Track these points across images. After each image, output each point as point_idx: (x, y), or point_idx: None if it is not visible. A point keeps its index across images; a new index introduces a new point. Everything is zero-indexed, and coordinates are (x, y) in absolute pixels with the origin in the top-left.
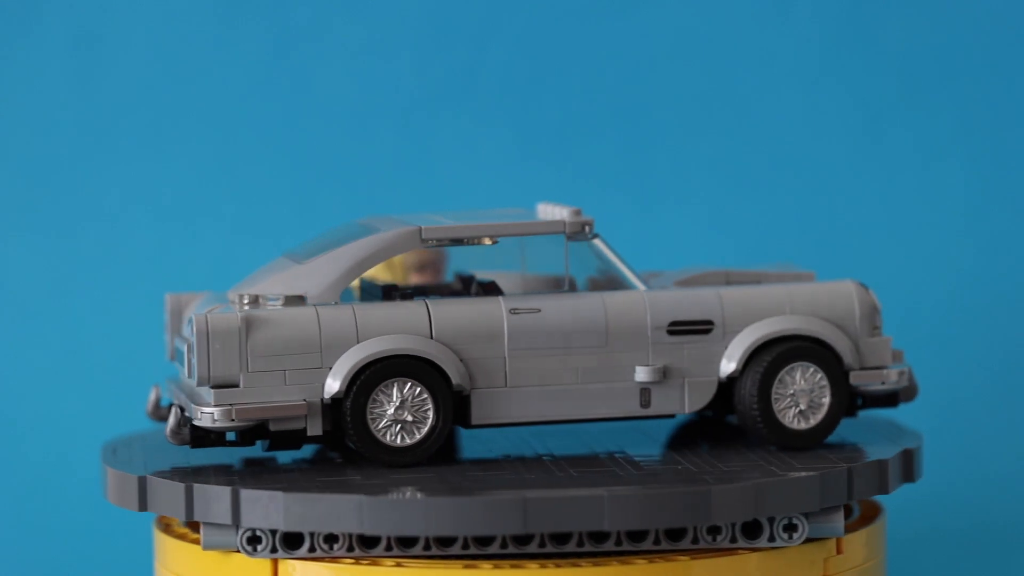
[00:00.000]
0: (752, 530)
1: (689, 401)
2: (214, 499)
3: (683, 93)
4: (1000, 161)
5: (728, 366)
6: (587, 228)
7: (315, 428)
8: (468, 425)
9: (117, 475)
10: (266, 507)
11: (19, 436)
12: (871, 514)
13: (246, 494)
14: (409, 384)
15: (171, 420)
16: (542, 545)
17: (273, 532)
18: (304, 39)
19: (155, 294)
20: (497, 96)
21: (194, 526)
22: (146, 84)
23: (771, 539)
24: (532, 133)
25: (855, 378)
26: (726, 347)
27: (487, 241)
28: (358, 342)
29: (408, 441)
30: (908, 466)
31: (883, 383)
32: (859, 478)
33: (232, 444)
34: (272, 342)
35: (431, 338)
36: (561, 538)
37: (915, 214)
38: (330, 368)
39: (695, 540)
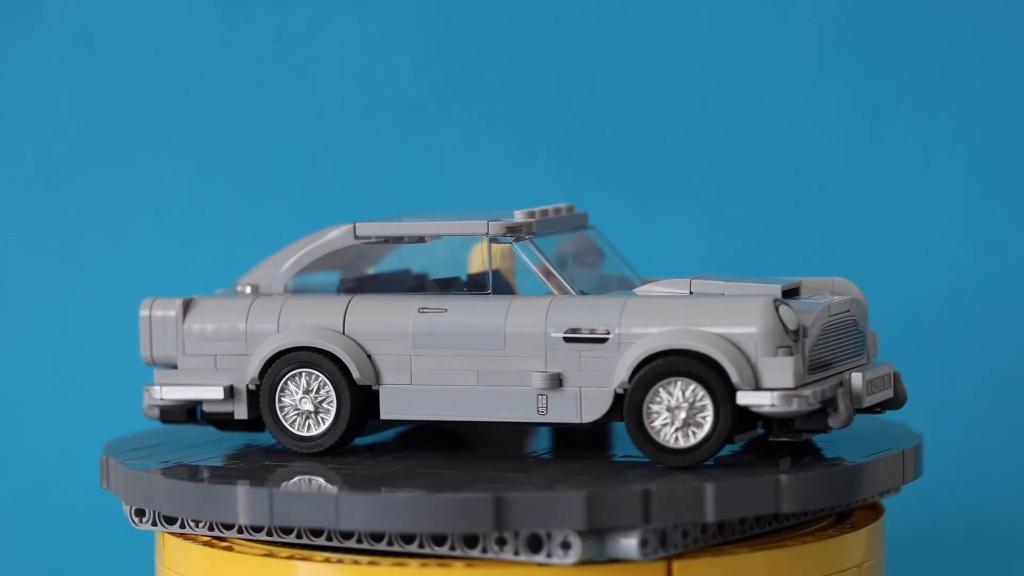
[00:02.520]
0: (537, 544)
1: (584, 411)
2: (112, 472)
3: (683, 93)
4: (1001, 161)
5: (619, 377)
6: (512, 231)
7: (241, 412)
8: (379, 419)
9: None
10: (125, 482)
11: (19, 436)
12: (871, 514)
13: (115, 467)
14: (315, 376)
15: (146, 397)
16: (359, 541)
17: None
18: (304, 39)
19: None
20: (498, 96)
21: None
22: (146, 84)
23: (549, 555)
24: (533, 133)
25: (742, 398)
26: (622, 357)
27: (426, 240)
28: (278, 332)
29: (314, 431)
30: (763, 496)
31: (772, 405)
32: (661, 502)
33: (198, 423)
34: (205, 328)
35: (343, 332)
36: (376, 537)
37: (915, 214)
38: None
39: (484, 549)
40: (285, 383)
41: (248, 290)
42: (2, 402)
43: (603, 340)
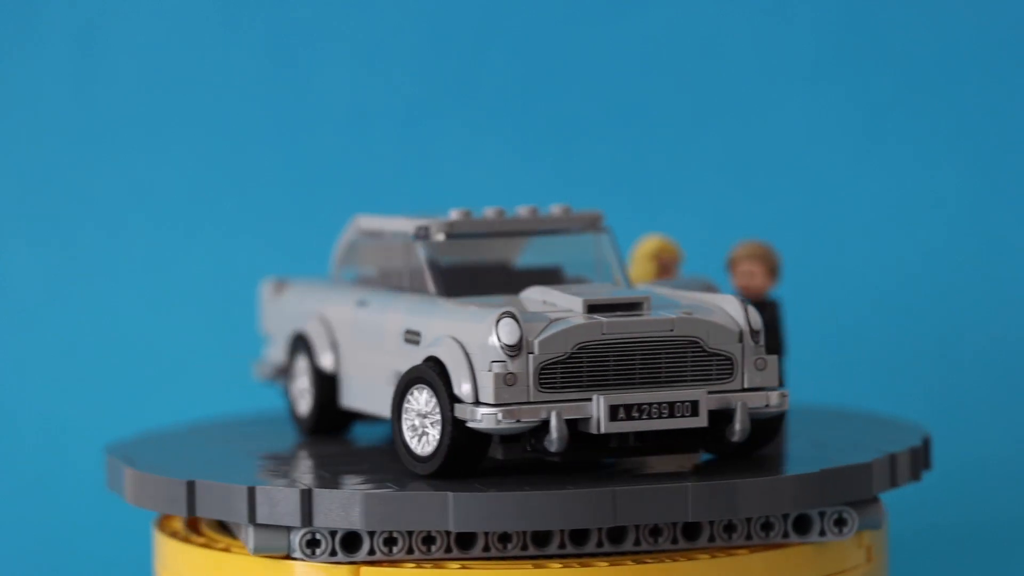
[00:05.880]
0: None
1: None
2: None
3: (683, 94)
4: (1001, 161)
5: None
6: (420, 231)
7: None
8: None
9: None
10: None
11: (19, 437)
12: None
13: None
14: (306, 359)
15: None
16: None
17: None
18: (304, 42)
19: (155, 294)
20: (498, 97)
21: (193, 527)
22: (146, 87)
23: (247, 543)
24: (533, 134)
25: (458, 411)
26: None
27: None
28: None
29: (306, 413)
30: (426, 510)
31: (471, 421)
32: (321, 505)
33: None
34: (278, 308)
35: (328, 321)
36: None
37: (917, 213)
38: None
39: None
40: (294, 366)
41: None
42: (2, 402)
43: (417, 342)
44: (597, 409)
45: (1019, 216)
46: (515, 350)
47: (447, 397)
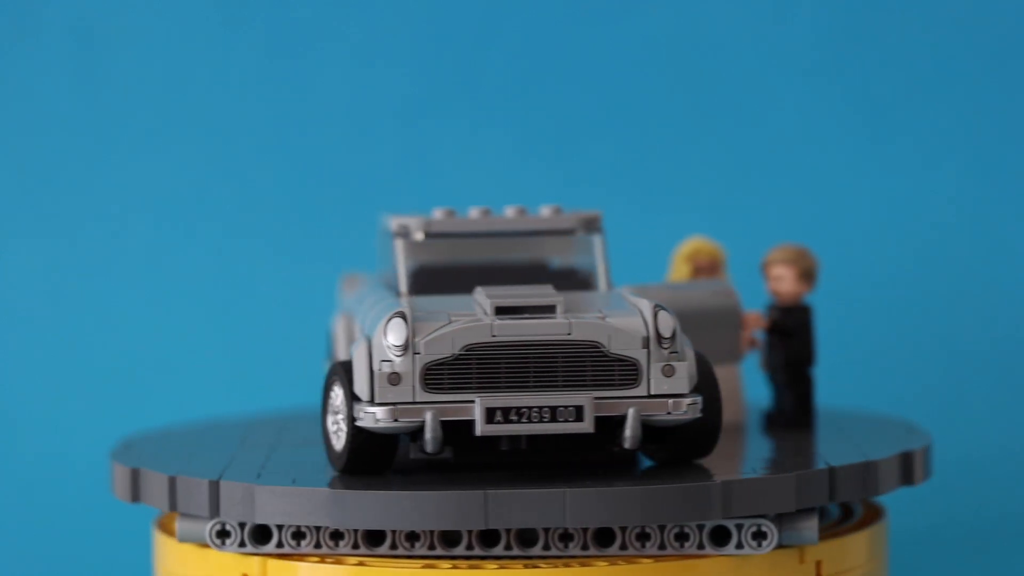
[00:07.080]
0: None
1: None
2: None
3: (683, 94)
4: (1001, 161)
5: None
6: (401, 229)
7: None
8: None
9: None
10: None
11: (18, 437)
12: (873, 515)
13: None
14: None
15: None
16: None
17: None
18: (304, 42)
19: (155, 295)
20: (499, 97)
21: None
22: (147, 86)
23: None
24: (533, 134)
25: (354, 409)
26: None
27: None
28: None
29: None
30: (309, 506)
31: (357, 419)
32: (226, 498)
33: None
34: (344, 301)
35: (351, 317)
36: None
37: (919, 214)
38: None
39: None
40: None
41: None
42: (1, 402)
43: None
44: (478, 411)
45: (1019, 216)
46: (402, 350)
47: (349, 395)
